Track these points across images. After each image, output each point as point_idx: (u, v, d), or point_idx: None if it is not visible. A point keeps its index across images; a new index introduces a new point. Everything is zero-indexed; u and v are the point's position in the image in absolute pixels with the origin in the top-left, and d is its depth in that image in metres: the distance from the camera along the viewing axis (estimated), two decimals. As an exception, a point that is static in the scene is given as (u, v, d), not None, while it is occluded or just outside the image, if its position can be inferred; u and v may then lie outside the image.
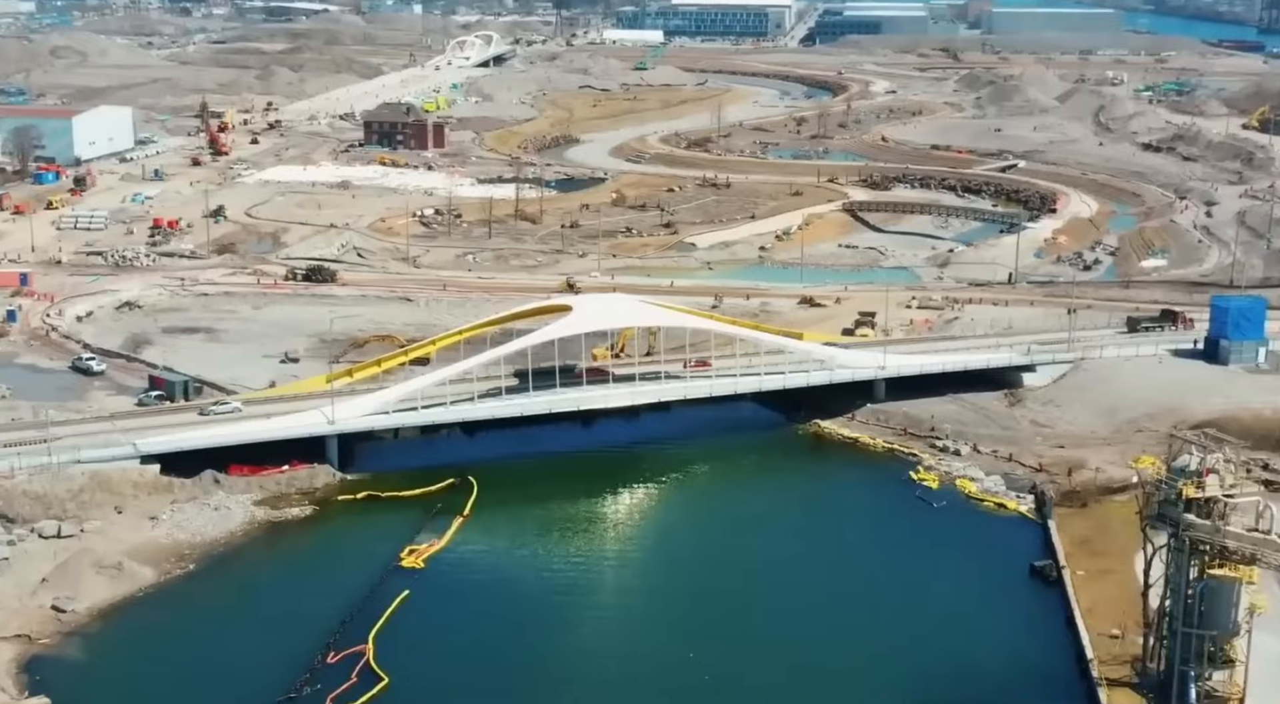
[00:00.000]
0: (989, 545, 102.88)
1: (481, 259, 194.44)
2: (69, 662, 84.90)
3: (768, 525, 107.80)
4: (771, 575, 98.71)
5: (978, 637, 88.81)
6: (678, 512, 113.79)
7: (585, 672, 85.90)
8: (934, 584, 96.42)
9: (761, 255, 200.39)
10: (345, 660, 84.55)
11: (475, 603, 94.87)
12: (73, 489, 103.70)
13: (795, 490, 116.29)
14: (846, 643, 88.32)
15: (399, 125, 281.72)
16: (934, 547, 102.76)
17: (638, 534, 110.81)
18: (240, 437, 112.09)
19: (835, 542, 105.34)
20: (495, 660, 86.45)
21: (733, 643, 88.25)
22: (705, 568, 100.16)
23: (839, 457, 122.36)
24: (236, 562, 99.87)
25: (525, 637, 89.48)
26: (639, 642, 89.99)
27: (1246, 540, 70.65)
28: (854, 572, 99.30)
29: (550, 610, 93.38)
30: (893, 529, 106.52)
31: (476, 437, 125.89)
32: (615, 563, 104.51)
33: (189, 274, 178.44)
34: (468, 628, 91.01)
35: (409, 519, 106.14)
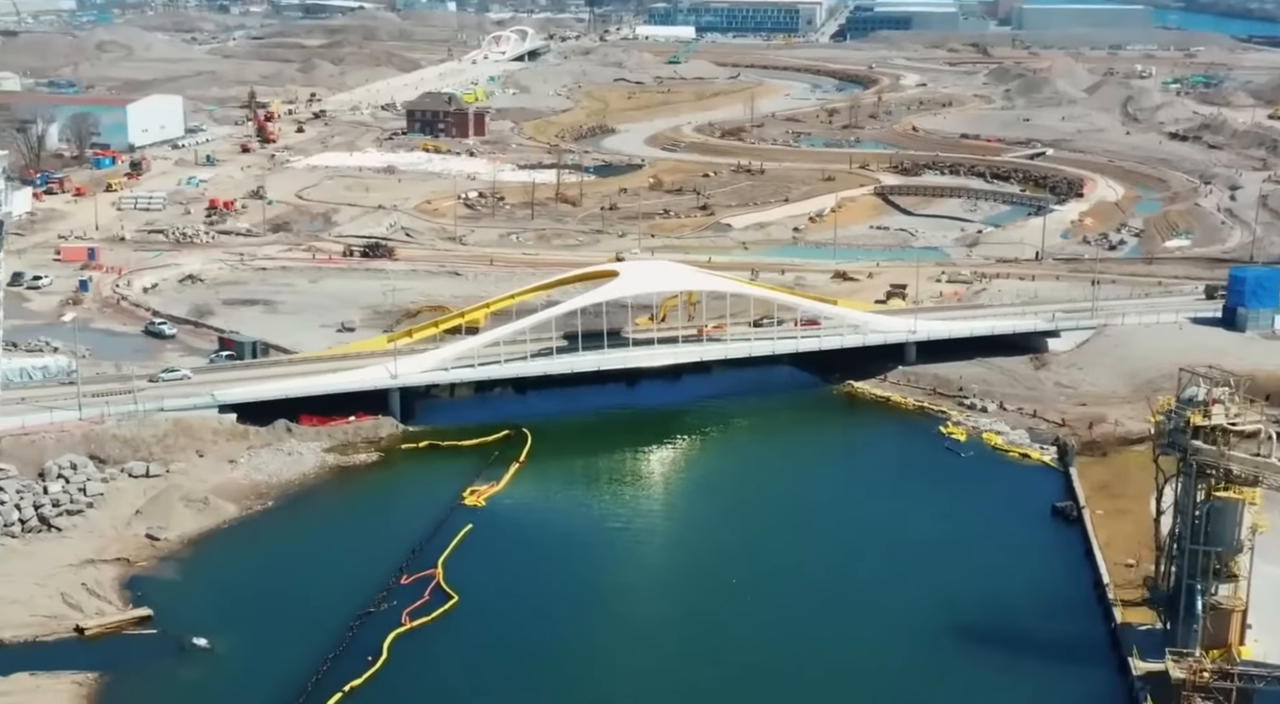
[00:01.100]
0: (1013, 489, 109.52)
1: (524, 238, 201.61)
2: (164, 581, 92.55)
3: (804, 472, 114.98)
4: (807, 514, 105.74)
5: (1003, 568, 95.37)
6: (717, 460, 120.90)
7: (631, 595, 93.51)
8: (962, 523, 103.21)
9: (795, 236, 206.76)
10: (417, 582, 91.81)
11: (532, 537, 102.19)
12: (158, 434, 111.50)
13: (830, 442, 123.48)
14: (879, 573, 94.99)
15: (441, 114, 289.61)
16: (961, 491, 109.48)
17: (680, 479, 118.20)
18: (310, 389, 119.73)
19: (868, 486, 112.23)
20: (551, 585, 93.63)
21: (771, 572, 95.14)
22: (743, 510, 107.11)
23: (871, 414, 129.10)
24: (311, 500, 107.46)
25: (577, 566, 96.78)
26: (684, 570, 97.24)
27: (1249, 464, 76.95)
28: (886, 512, 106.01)
29: (600, 544, 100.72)
30: (923, 476, 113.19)
31: (528, 395, 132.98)
32: (659, 503, 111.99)
33: (246, 250, 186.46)
34: (525, 558, 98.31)
35: (469, 465, 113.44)
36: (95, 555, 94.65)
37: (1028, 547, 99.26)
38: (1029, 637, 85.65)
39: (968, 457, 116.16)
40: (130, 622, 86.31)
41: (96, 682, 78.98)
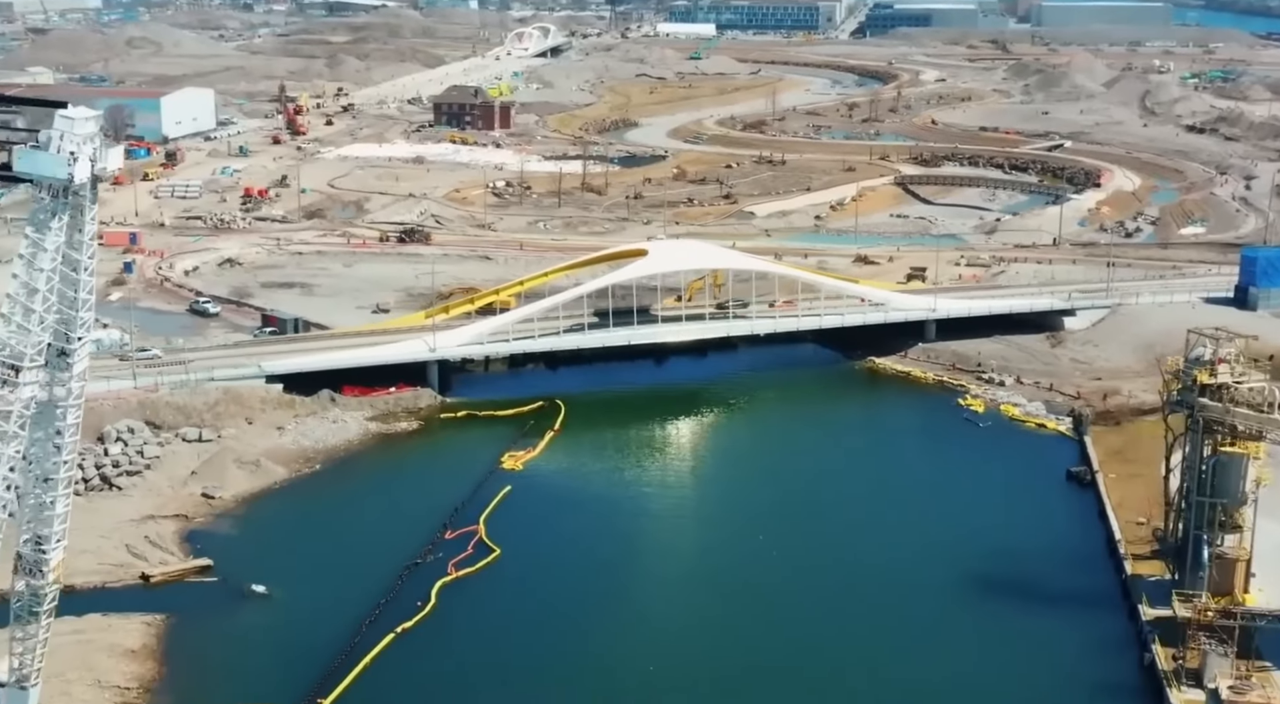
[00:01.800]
0: (1030, 456, 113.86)
1: (552, 226, 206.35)
2: (221, 535, 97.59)
3: (827, 439, 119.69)
4: (830, 478, 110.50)
5: (1020, 526, 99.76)
6: (743, 429, 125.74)
7: (662, 550, 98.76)
8: (980, 486, 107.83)
9: (816, 224, 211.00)
10: (461, 537, 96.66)
11: (567, 497, 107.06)
12: (209, 402, 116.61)
13: (853, 413, 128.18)
14: (900, 531, 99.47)
15: (467, 106, 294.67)
16: (980, 457, 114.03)
17: (708, 446, 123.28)
18: (353, 361, 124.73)
19: (890, 453, 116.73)
20: (586, 541, 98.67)
21: (796, 530, 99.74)
22: (768, 474, 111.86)
23: (893, 387, 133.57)
24: (357, 464, 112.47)
25: (611, 524, 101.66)
26: (712, 528, 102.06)
27: (1253, 419, 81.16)
28: (907, 476, 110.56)
29: (631, 504, 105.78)
30: (942, 444, 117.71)
31: (559, 371, 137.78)
32: (688, 468, 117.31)
33: (283, 235, 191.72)
34: (561, 516, 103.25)
35: (505, 433, 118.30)
36: (155, 512, 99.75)
37: (1044, 508, 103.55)
38: (1045, 587, 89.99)
39: (985, 426, 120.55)
40: (192, 570, 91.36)
41: (163, 623, 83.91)
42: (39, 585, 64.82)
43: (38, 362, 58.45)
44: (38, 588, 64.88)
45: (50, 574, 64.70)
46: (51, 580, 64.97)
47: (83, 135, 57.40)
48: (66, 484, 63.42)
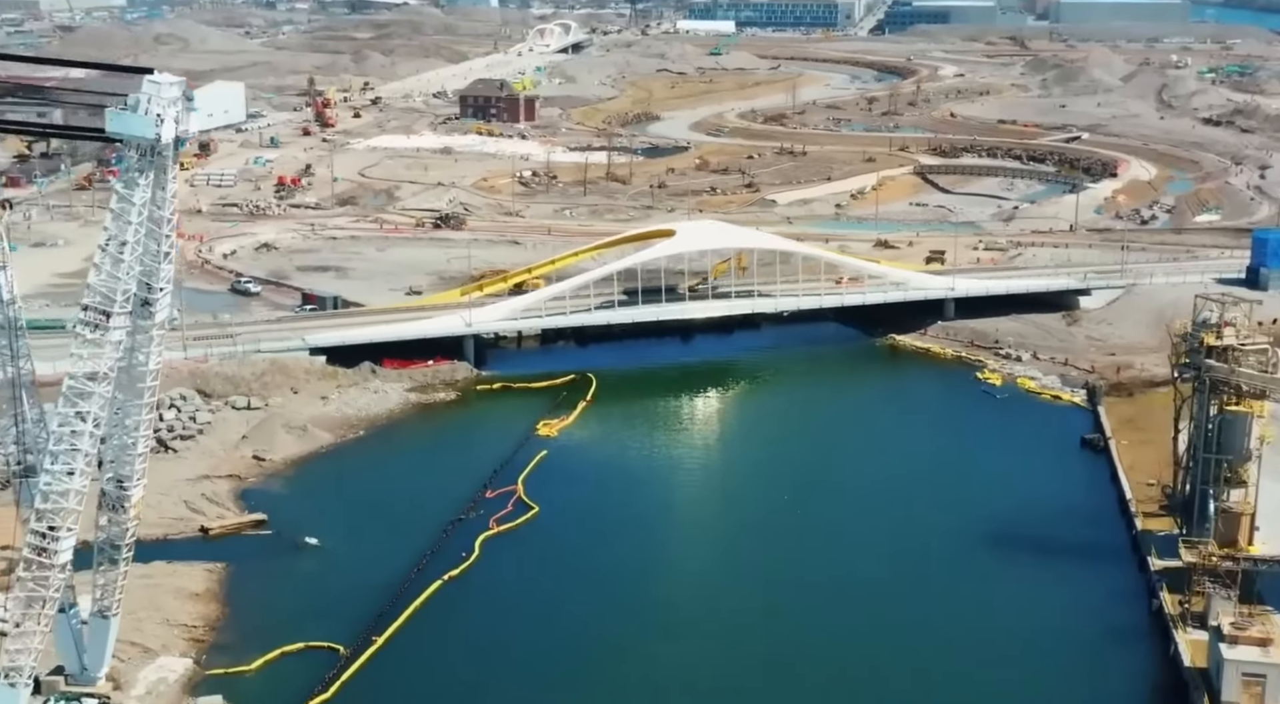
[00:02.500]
0: (1045, 425, 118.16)
1: (577, 213, 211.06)
2: (273, 493, 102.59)
3: (849, 410, 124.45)
4: (852, 444, 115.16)
5: (1036, 488, 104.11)
6: (768, 400, 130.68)
7: (692, 509, 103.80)
8: (997, 451, 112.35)
9: (837, 211, 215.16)
10: (501, 496, 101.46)
11: (600, 461, 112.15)
12: (256, 372, 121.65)
13: (873, 385, 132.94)
14: (921, 492, 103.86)
15: (493, 99, 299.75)
16: (997, 426, 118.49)
17: (734, 414, 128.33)
18: (393, 334, 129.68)
19: (910, 422, 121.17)
20: (619, 499, 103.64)
21: (820, 491, 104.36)
22: (792, 441, 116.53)
23: (913, 362, 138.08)
24: (399, 430, 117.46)
25: (642, 485, 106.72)
26: (739, 488, 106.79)
27: (1257, 379, 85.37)
28: (927, 442, 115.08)
29: (662, 467, 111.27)
30: (961, 414, 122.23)
31: (589, 348, 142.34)
32: (715, 435, 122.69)
33: (317, 221, 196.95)
34: (595, 478, 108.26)
35: (539, 403, 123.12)
36: (210, 472, 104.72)
37: (1059, 471, 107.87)
38: (1060, 542, 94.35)
39: (1003, 398, 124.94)
40: (248, 524, 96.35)
41: (223, 570, 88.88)
42: (121, 520, 69.98)
43: (125, 309, 63.41)
44: (120, 522, 70.03)
45: (131, 511, 69.85)
46: (132, 516, 70.11)
47: (167, 99, 62.42)
48: (147, 427, 68.54)
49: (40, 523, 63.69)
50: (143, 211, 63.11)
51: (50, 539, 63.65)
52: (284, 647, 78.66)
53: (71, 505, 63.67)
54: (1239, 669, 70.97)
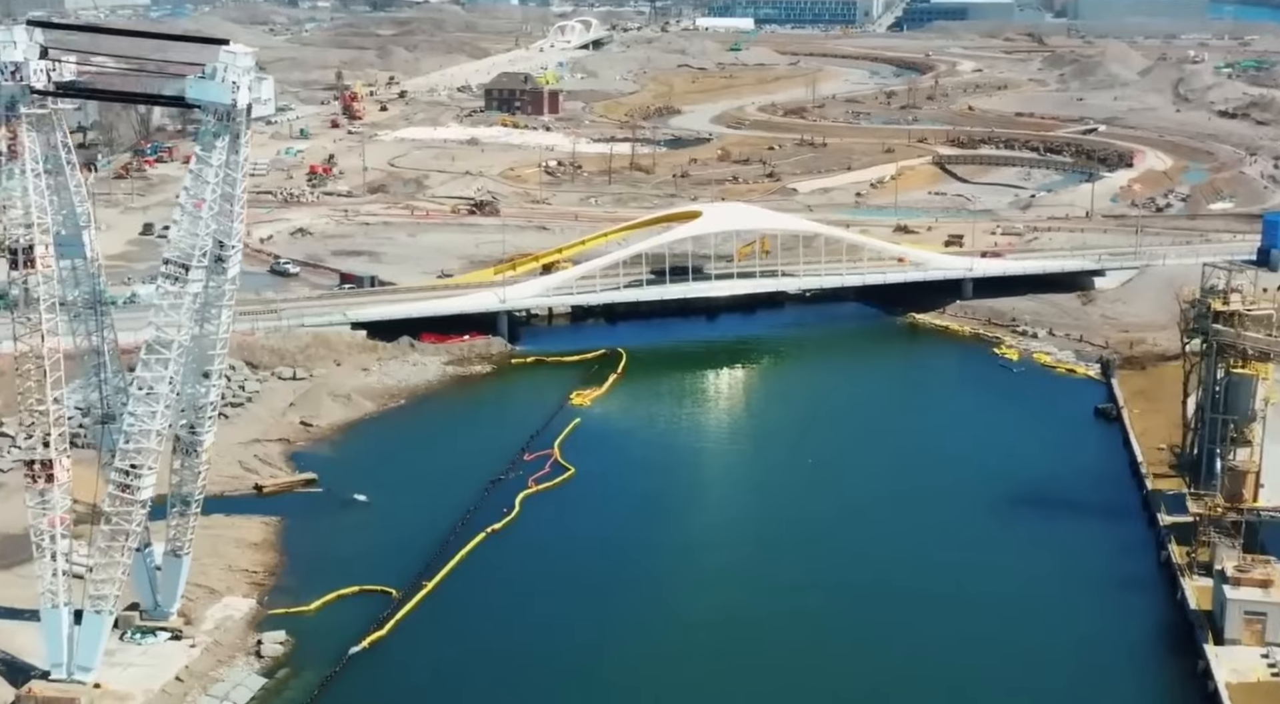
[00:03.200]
0: (1060, 396, 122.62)
1: (603, 201, 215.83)
2: (322, 455, 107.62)
3: (871, 381, 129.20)
4: (875, 414, 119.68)
5: (1051, 453, 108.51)
6: (792, 373, 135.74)
7: (720, 473, 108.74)
8: (1014, 420, 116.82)
9: (857, 200, 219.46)
10: (538, 459, 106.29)
11: (631, 427, 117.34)
12: (300, 345, 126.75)
13: (894, 360, 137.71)
14: (942, 456, 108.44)
15: (517, 92, 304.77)
16: (1013, 397, 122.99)
17: (759, 387, 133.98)
18: (430, 310, 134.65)
19: (930, 392, 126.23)
20: (649, 463, 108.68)
21: (842, 457, 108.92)
22: (816, 411, 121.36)
23: (932, 339, 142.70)
24: (438, 399, 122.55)
25: (672, 450, 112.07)
26: (764, 452, 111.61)
27: (1262, 343, 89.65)
28: (945, 411, 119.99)
29: (691, 433, 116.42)
30: (979, 386, 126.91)
31: (618, 326, 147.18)
32: (741, 405, 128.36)
33: (350, 207, 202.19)
34: (627, 443, 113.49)
35: (572, 375, 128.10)
36: (260, 436, 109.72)
37: (1073, 438, 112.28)
38: (1075, 501, 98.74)
39: (1019, 371, 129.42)
40: (299, 482, 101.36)
41: (279, 523, 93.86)
42: (193, 464, 75.05)
43: (202, 263, 68.35)
44: (192, 467, 75.06)
45: (203, 455, 74.89)
46: (204, 460, 75.11)
47: (242, 68, 67.31)
48: (218, 376, 73.53)
49: (124, 462, 68.63)
50: (218, 173, 68.03)
51: (133, 477, 68.59)
52: (340, 590, 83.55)
53: (152, 445, 68.57)
54: (1241, 608, 75.29)
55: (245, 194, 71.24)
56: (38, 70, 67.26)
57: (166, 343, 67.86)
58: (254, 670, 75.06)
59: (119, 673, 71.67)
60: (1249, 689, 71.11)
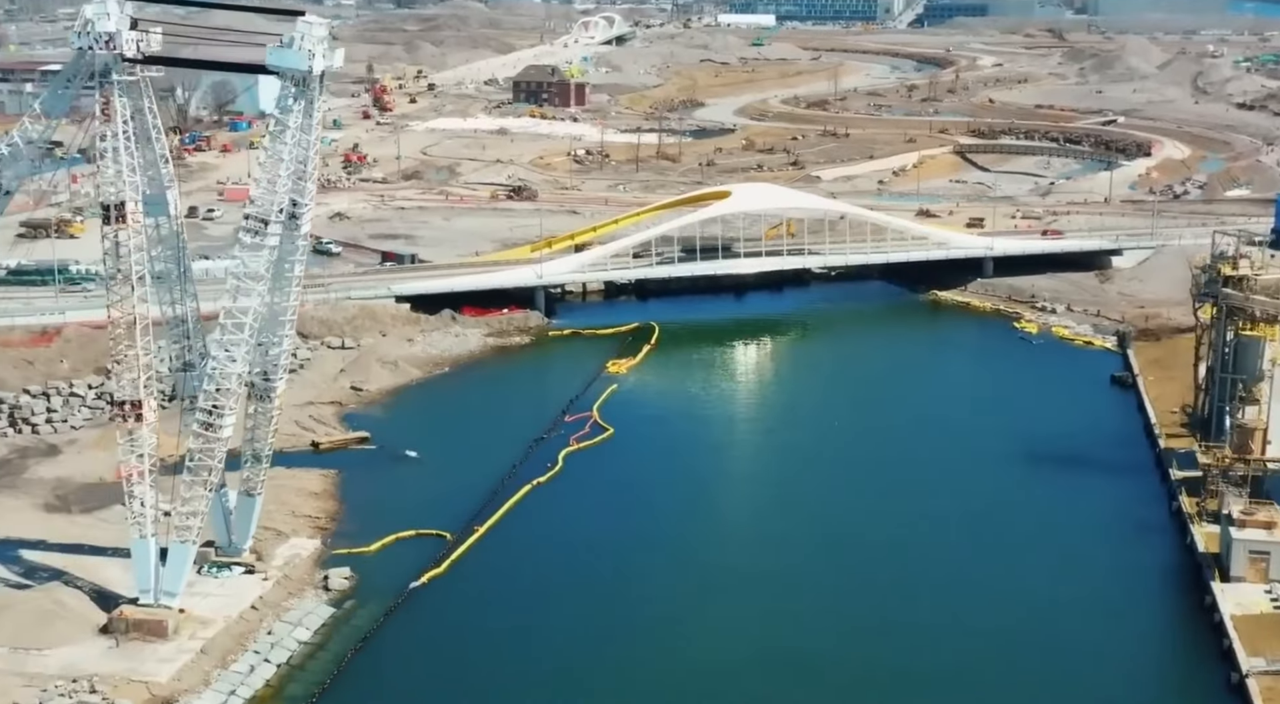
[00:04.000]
0: (1078, 366, 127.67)
1: (630, 188, 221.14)
2: (373, 417, 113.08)
3: (895, 353, 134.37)
4: (899, 383, 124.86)
5: (1069, 417, 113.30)
6: (818, 346, 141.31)
7: (751, 433, 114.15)
8: (1033, 388, 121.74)
9: (880, 187, 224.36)
10: (578, 420, 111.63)
11: (666, 392, 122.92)
12: (348, 317, 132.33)
13: (917, 334, 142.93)
14: (965, 420, 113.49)
15: (545, 84, 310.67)
16: (1033, 366, 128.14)
17: (787, 358, 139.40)
18: (471, 284, 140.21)
19: (952, 363, 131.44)
20: (684, 424, 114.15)
21: (871, 421, 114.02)
22: (843, 379, 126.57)
23: (954, 315, 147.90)
24: (481, 367, 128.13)
25: (705, 413, 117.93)
26: (792, 416, 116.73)
27: (1270, 305, 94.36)
28: (967, 379, 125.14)
29: (723, 398, 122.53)
30: (999, 357, 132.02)
31: (649, 303, 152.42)
32: (770, 374, 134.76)
33: (386, 193, 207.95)
34: (662, 407, 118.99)
35: (608, 346, 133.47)
36: (314, 399, 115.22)
37: (1090, 403, 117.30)
38: (1092, 459, 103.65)
39: (1039, 343, 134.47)
40: (353, 440, 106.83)
41: (336, 475, 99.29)
42: (267, 409, 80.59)
43: (279, 219, 73.81)
44: (266, 411, 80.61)
45: (276, 400, 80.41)
46: (276, 405, 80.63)
47: (317, 37, 72.77)
48: (291, 326, 79.03)
49: (206, 402, 74.15)
50: (294, 136, 73.45)
51: (215, 416, 74.12)
52: (398, 533, 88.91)
53: (233, 387, 74.09)
54: (1246, 548, 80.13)
55: (317, 156, 76.59)
56: (128, 40, 72.84)
57: (247, 292, 73.32)
58: (322, 601, 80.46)
59: (199, 601, 77.17)
60: (1253, 620, 75.89)
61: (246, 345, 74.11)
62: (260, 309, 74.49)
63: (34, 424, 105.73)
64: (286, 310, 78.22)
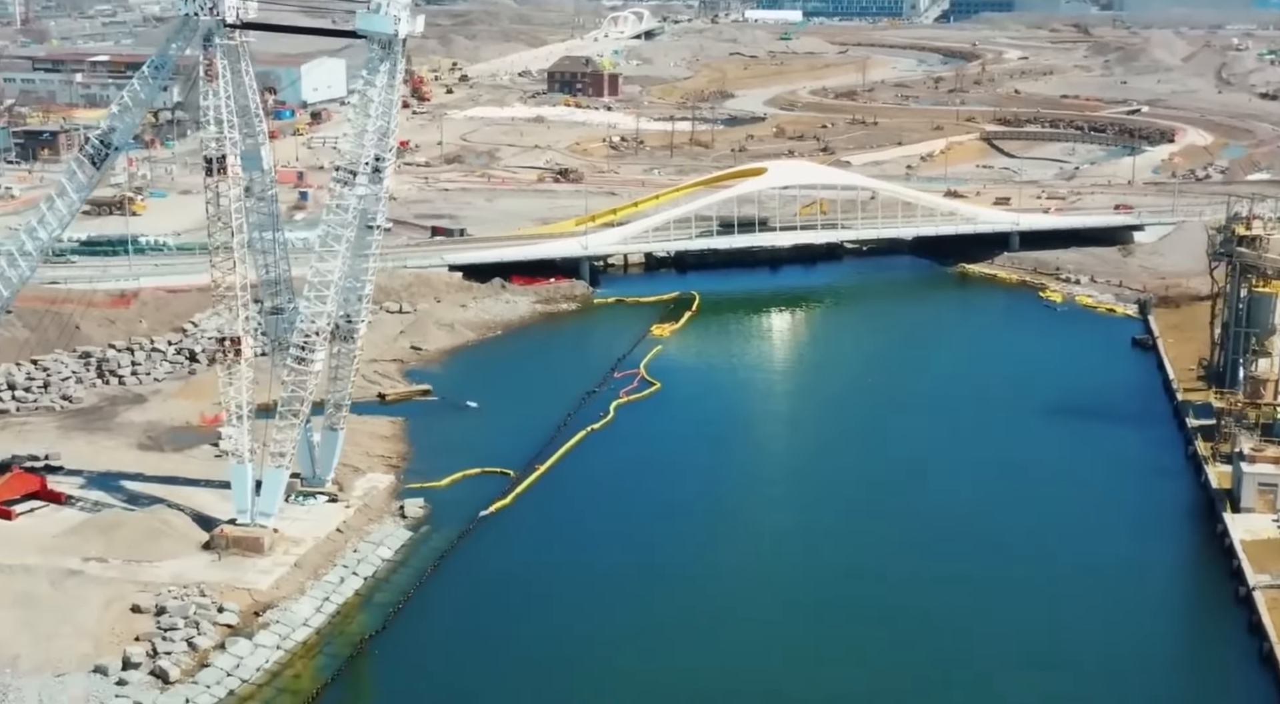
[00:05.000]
0: (1100, 331, 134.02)
1: (664, 173, 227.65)
2: (433, 373, 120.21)
3: (925, 320, 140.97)
4: (929, 346, 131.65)
5: (1093, 375, 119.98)
6: (851, 314, 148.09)
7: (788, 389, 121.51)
8: (1057, 350, 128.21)
9: (908, 172, 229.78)
10: (626, 377, 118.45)
11: (708, 354, 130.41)
12: (404, 284, 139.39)
13: (946, 302, 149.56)
14: (991, 377, 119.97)
15: (579, 75, 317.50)
16: (1056, 331, 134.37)
17: (821, 325, 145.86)
18: (520, 255, 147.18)
19: (980, 328, 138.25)
20: (726, 379, 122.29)
21: (904, 378, 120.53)
22: (875, 343, 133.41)
23: (981, 286, 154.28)
24: (532, 330, 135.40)
25: (746, 370, 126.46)
26: (827, 375, 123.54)
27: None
28: (994, 343, 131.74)
29: (762, 356, 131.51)
30: (1025, 322, 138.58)
31: (688, 275, 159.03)
32: (806, 339, 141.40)
33: (429, 175, 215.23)
34: (705, 365, 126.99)
35: (651, 313, 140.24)
36: (376, 357, 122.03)
37: (1112, 363, 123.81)
38: (1113, 411, 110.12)
39: (1063, 311, 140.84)
40: (416, 392, 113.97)
41: (403, 423, 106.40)
42: (349, 349, 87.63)
43: (365, 171, 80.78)
44: (348, 351, 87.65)
45: (358, 340, 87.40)
46: (358, 345, 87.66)
47: (402, 3, 79.75)
48: (372, 273, 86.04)
49: (299, 338, 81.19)
50: (379, 93, 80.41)
51: (307, 351, 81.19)
52: (465, 470, 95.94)
53: (322, 325, 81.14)
54: (1256, 481, 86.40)
55: (398, 113, 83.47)
56: (230, 6, 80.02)
57: (336, 237, 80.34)
58: (400, 527, 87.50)
59: (289, 525, 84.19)
60: (1260, 544, 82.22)
61: (335, 287, 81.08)
62: (346, 254, 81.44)
63: (120, 376, 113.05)
64: (369, 257, 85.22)
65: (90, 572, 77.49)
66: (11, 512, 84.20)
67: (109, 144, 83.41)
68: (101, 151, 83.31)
